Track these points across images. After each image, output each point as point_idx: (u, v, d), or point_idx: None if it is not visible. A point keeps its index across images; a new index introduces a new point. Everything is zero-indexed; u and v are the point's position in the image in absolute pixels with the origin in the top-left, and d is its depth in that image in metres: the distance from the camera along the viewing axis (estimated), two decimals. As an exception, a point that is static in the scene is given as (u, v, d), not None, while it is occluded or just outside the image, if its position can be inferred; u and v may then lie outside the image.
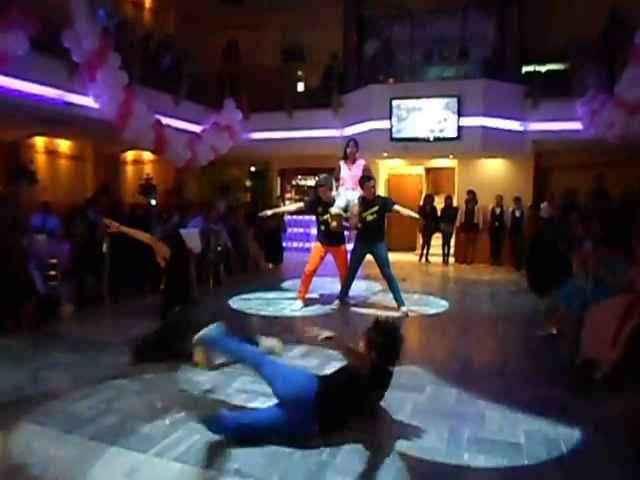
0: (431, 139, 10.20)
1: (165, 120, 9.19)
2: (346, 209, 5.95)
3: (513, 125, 10.22)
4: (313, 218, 6.48)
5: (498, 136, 10.13)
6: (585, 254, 4.59)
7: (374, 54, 11.67)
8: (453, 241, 11.23)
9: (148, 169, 12.10)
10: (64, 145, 10.29)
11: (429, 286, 8.10)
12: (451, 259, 11.17)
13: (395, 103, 10.23)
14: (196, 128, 10.59)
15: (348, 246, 6.31)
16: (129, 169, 12.05)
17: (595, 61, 9.60)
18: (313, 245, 6.47)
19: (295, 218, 11.86)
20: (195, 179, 13.60)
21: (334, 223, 5.89)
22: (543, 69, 10.76)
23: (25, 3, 6.33)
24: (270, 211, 6.43)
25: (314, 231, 7.11)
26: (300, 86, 13.18)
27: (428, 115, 10.13)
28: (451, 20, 10.97)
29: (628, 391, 3.53)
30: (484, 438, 2.84)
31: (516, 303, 6.84)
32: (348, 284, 6.25)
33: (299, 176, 14.10)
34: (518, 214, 10.46)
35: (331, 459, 2.58)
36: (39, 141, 9.66)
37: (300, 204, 6.51)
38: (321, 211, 6.07)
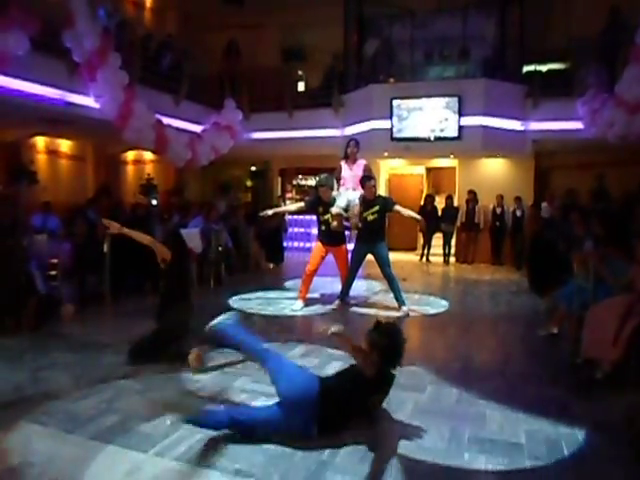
0: (432, 139, 10.20)
1: (166, 120, 9.19)
2: (347, 209, 5.94)
3: (514, 125, 10.22)
4: (314, 218, 6.49)
5: (499, 136, 10.13)
6: (586, 254, 4.59)
7: (375, 54, 11.67)
8: (454, 241, 11.22)
9: (149, 169, 12.12)
10: (65, 145, 10.30)
11: (430, 286, 8.10)
12: (452, 259, 11.16)
13: (396, 103, 10.23)
14: (197, 128, 10.59)
15: (349, 246, 6.31)
16: (130, 169, 12.07)
17: (595, 60, 9.59)
18: (314, 245, 6.48)
19: (296, 218, 11.85)
20: (196, 179, 13.62)
21: (335, 223, 5.88)
22: (544, 69, 10.76)
23: (25, 3, 6.33)
24: (271, 211, 6.41)
25: (315, 231, 7.10)
26: (300, 86, 13.19)
27: (429, 115, 10.13)
28: (452, 20, 10.96)
29: (629, 391, 3.53)
30: (485, 438, 2.84)
31: (517, 303, 6.84)
32: (349, 284, 6.25)
33: (300, 176, 14.11)
34: (519, 214, 10.46)
35: (331, 459, 2.58)
36: (40, 141, 9.67)
37: (301, 204, 6.50)
38: (322, 211, 6.07)
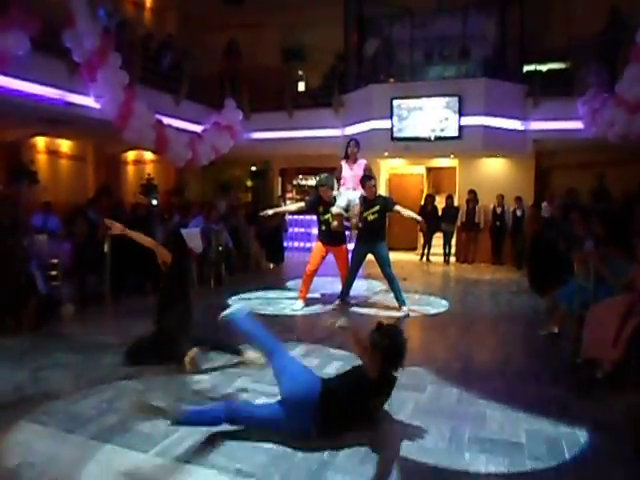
0: (432, 138, 10.20)
1: (166, 120, 9.19)
2: (347, 209, 5.94)
3: (514, 124, 10.21)
4: (314, 218, 6.49)
5: (499, 135, 10.12)
6: (586, 253, 4.59)
7: (375, 53, 11.66)
8: (454, 241, 11.22)
9: (149, 169, 12.13)
10: (65, 145, 10.31)
11: (430, 286, 8.10)
12: (452, 259, 11.16)
13: (396, 102, 10.22)
14: (197, 128, 10.60)
15: (349, 246, 6.31)
16: (130, 169, 12.07)
17: (596, 60, 9.60)
18: (314, 245, 6.48)
19: (296, 218, 11.85)
20: (196, 179, 13.62)
21: (335, 223, 5.88)
22: (544, 68, 10.76)
23: (26, 3, 6.34)
24: (271, 211, 6.41)
25: (315, 231, 7.09)
26: (301, 86, 13.19)
27: (429, 114, 10.13)
28: (452, 19, 10.95)
29: (629, 390, 3.53)
30: (485, 438, 2.84)
31: (517, 302, 6.84)
32: (349, 284, 6.25)
33: (300, 176, 14.11)
34: (519, 213, 10.46)
35: (332, 459, 2.58)
36: (40, 141, 9.68)
37: (301, 204, 6.49)
38: (322, 211, 6.07)
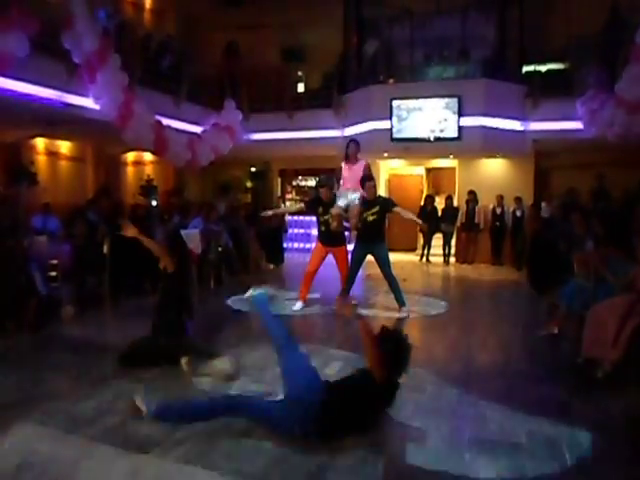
0: (431, 139, 10.20)
1: (165, 121, 9.18)
2: (347, 209, 5.95)
3: (513, 125, 10.22)
4: (314, 219, 6.48)
5: (498, 136, 10.13)
6: (586, 254, 4.60)
7: (374, 54, 11.68)
8: (454, 241, 11.21)
9: (149, 170, 12.12)
10: (64, 146, 10.30)
11: (430, 286, 8.10)
12: (452, 259, 11.15)
13: (395, 103, 10.23)
14: (196, 129, 10.59)
15: (349, 246, 6.31)
16: (130, 170, 12.06)
17: (595, 60, 9.60)
18: (314, 246, 6.47)
19: (296, 219, 11.85)
20: (195, 180, 13.62)
21: (335, 223, 5.88)
22: (543, 69, 10.77)
23: (25, 4, 6.34)
24: (271, 211, 6.43)
25: (315, 232, 7.10)
26: (300, 86, 13.18)
27: (428, 115, 10.13)
28: (451, 20, 10.97)
29: (629, 390, 3.53)
30: (485, 438, 2.84)
31: (517, 303, 6.84)
32: (349, 284, 6.24)
33: (299, 177, 14.12)
34: (519, 214, 10.46)
35: (332, 460, 2.58)
36: (39, 142, 9.67)
37: (301, 205, 6.50)
38: (322, 211, 6.06)
